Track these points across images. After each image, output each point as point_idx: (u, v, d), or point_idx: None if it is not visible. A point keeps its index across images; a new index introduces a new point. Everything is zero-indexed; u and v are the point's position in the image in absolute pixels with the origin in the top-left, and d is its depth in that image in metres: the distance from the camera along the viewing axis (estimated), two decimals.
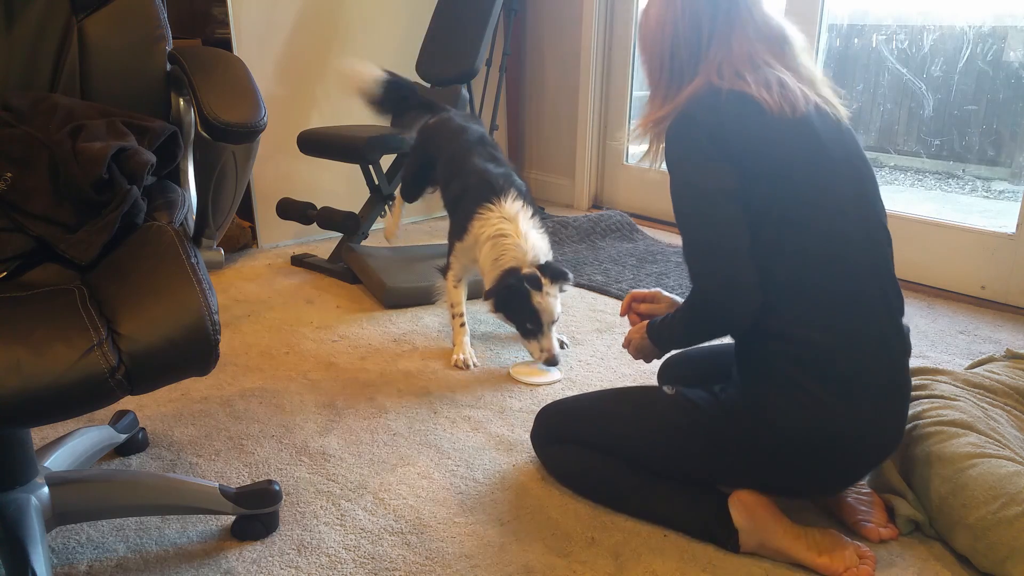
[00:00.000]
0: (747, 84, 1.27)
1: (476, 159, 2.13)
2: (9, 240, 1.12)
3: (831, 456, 1.26)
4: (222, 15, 2.89)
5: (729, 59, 1.29)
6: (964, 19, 2.72)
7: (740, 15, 1.31)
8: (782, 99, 1.26)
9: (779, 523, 1.30)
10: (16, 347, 0.92)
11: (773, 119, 1.25)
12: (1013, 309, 2.47)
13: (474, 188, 2.05)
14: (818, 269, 1.25)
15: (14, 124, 1.21)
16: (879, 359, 1.26)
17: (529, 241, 1.95)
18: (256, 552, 1.33)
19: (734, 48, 1.30)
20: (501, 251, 1.95)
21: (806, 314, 1.24)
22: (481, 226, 1.99)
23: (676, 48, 1.33)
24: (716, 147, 1.26)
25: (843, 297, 1.24)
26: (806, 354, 1.24)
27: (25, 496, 1.18)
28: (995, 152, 2.82)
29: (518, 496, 1.49)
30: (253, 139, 1.13)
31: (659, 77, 1.37)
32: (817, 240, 1.25)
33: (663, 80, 1.37)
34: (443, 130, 2.33)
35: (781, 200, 1.25)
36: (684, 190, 1.29)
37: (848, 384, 1.24)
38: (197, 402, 1.84)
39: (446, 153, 2.25)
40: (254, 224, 3.07)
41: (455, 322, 2.14)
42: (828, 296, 1.24)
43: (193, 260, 1.10)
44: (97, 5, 1.35)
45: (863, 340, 1.25)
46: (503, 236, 1.95)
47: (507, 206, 1.98)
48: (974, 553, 1.28)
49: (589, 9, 3.45)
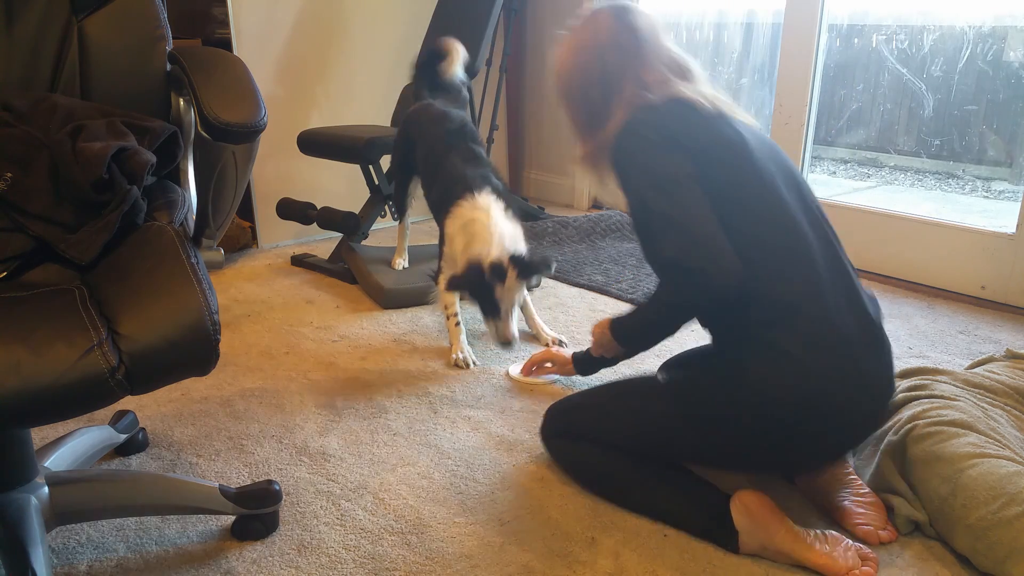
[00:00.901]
0: (679, 91, 1.39)
1: (455, 158, 2.14)
2: (9, 240, 1.12)
3: (814, 417, 1.26)
4: (222, 15, 2.89)
5: (645, 85, 1.41)
6: (964, 19, 2.72)
7: (644, 49, 1.44)
8: (711, 100, 1.40)
9: (781, 524, 1.30)
10: (16, 347, 0.92)
11: (708, 115, 1.38)
12: (1013, 309, 2.47)
13: (450, 190, 2.07)
14: (771, 234, 1.31)
15: (14, 124, 1.21)
16: (846, 311, 1.28)
17: (500, 229, 1.96)
18: (256, 552, 1.33)
19: (646, 78, 1.42)
20: (471, 237, 1.96)
21: (766, 272, 1.28)
22: (453, 221, 2.02)
23: (589, 90, 1.47)
24: (667, 143, 1.35)
25: (799, 254, 1.30)
26: (773, 310, 1.28)
27: (25, 496, 1.18)
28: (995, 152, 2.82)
29: (518, 496, 1.49)
30: (253, 139, 1.13)
31: (582, 118, 1.52)
32: (766, 213, 1.32)
33: (584, 120, 1.51)
34: (424, 116, 2.32)
35: (728, 182, 1.33)
36: (647, 183, 1.33)
37: (818, 334, 1.26)
38: (197, 402, 1.84)
39: (426, 141, 2.24)
40: (254, 224, 3.07)
41: (450, 322, 2.14)
42: (784, 253, 1.30)
43: (193, 260, 1.10)
44: (97, 5, 1.35)
45: (825, 288, 1.28)
46: (472, 222, 1.97)
47: (479, 199, 2.01)
48: (974, 553, 1.28)
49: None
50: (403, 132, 2.42)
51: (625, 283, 2.66)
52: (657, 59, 1.44)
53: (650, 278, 2.70)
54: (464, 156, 2.14)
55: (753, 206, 1.33)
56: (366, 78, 3.21)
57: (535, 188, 3.96)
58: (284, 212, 2.83)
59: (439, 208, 2.11)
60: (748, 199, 1.33)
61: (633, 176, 1.36)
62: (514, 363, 2.07)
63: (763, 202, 1.33)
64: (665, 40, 1.48)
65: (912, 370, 1.71)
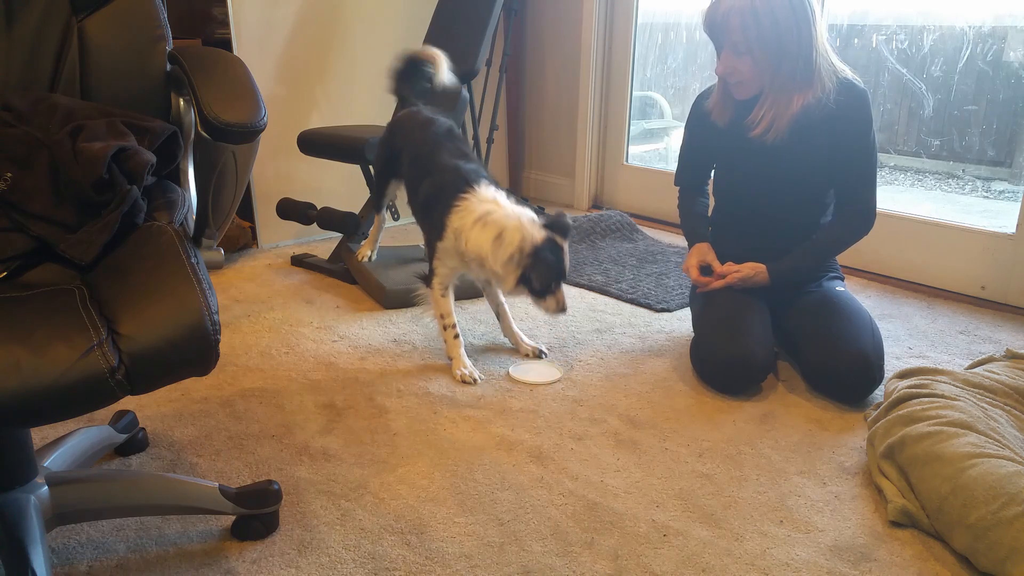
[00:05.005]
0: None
1: (445, 155, 2.06)
2: (9, 240, 1.12)
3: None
4: (222, 15, 2.89)
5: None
6: (964, 19, 2.72)
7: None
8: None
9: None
10: (16, 347, 0.92)
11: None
12: (1013, 309, 2.47)
13: (447, 184, 1.98)
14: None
15: (14, 124, 1.21)
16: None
17: (517, 210, 1.92)
18: (256, 552, 1.33)
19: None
20: (498, 228, 1.88)
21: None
22: (461, 216, 1.92)
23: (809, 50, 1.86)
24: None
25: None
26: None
27: (25, 496, 1.18)
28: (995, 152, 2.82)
29: (518, 496, 1.49)
30: (253, 139, 1.13)
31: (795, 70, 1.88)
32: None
33: (795, 73, 1.87)
34: (410, 122, 2.26)
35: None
36: (874, 140, 1.93)
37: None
38: (197, 402, 1.84)
39: (413, 145, 2.18)
40: (254, 224, 3.07)
41: (447, 334, 2.04)
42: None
43: (193, 260, 1.10)
44: (97, 5, 1.35)
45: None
46: (490, 213, 1.90)
47: (483, 191, 1.94)
48: (974, 553, 1.28)
49: (589, 9, 3.45)
50: (387, 138, 2.35)
51: (625, 283, 2.66)
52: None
53: (650, 278, 2.70)
54: (453, 153, 2.08)
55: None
56: (366, 78, 3.21)
57: (535, 188, 3.96)
58: (284, 212, 2.83)
59: (435, 204, 2.00)
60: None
61: (872, 131, 1.92)
62: (514, 363, 2.07)
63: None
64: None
65: (912, 370, 1.71)
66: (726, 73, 1.91)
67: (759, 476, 1.56)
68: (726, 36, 1.86)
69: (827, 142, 1.93)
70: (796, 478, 1.56)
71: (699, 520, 1.42)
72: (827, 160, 1.95)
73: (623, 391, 1.92)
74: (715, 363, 1.90)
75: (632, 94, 3.55)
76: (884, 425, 1.54)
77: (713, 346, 1.91)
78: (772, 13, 1.79)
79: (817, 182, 1.99)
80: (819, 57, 1.85)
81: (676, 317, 2.41)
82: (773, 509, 1.46)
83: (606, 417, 1.79)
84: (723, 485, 1.53)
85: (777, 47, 1.82)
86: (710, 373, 1.93)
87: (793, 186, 2.00)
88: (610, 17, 3.50)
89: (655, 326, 2.33)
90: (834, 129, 1.91)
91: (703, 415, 1.80)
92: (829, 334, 1.87)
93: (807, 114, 1.89)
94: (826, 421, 1.78)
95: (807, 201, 2.02)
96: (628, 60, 3.49)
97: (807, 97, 1.87)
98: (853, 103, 1.89)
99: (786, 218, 2.04)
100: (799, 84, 1.86)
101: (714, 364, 1.91)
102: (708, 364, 1.93)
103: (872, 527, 1.41)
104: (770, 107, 1.90)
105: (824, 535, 1.38)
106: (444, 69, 2.40)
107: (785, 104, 1.88)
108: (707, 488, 1.52)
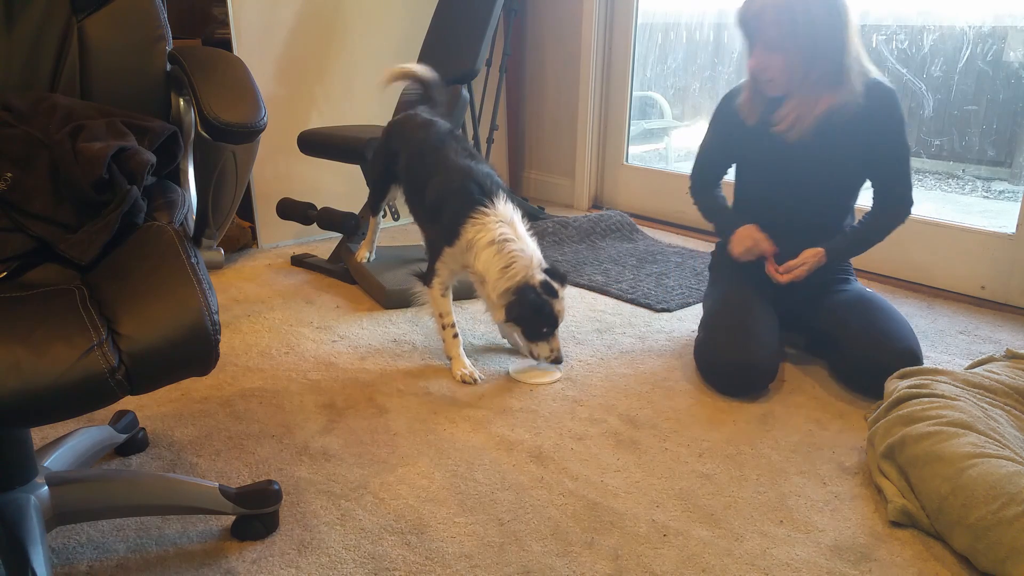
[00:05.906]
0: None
1: (452, 155, 2.05)
2: (9, 240, 1.12)
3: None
4: (222, 15, 2.89)
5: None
6: (964, 19, 2.72)
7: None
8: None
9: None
10: (16, 347, 0.92)
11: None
12: (1013, 309, 2.47)
13: (461, 190, 1.96)
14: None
15: (14, 124, 1.21)
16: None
17: (530, 245, 1.93)
18: (256, 552, 1.33)
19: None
20: (509, 259, 1.89)
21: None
22: (478, 231, 1.92)
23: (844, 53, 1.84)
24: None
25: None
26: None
27: (25, 496, 1.18)
28: (995, 152, 2.82)
29: (518, 496, 1.49)
30: (253, 139, 1.13)
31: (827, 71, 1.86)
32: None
33: (827, 74, 1.85)
34: (409, 123, 2.26)
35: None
36: (907, 136, 1.93)
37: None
38: (197, 402, 1.84)
39: (413, 146, 2.16)
40: (254, 224, 3.07)
41: (447, 333, 2.04)
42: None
43: (193, 260, 1.10)
44: (97, 5, 1.35)
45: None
46: (507, 241, 1.90)
47: (501, 209, 1.93)
48: (974, 553, 1.28)
49: (589, 9, 3.45)
50: (384, 142, 2.35)
51: (625, 283, 2.66)
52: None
53: (650, 278, 2.70)
54: (460, 153, 2.06)
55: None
56: (366, 78, 3.21)
57: (535, 188, 3.96)
58: (284, 212, 2.83)
59: (446, 208, 1.98)
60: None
61: (904, 129, 1.92)
62: (514, 363, 2.07)
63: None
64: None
65: (912, 370, 1.71)
66: (757, 69, 1.88)
67: (759, 476, 1.56)
68: (760, 31, 1.83)
69: (856, 143, 1.91)
70: (796, 478, 1.56)
71: (699, 520, 1.42)
72: (855, 162, 1.94)
73: (623, 391, 1.92)
74: (720, 366, 1.90)
75: (632, 94, 3.55)
76: (884, 425, 1.54)
77: (719, 349, 1.90)
78: (808, 11, 1.77)
79: (841, 184, 1.99)
80: (851, 60, 1.83)
81: (676, 317, 2.41)
82: (773, 509, 1.46)
83: (606, 417, 1.79)
84: (723, 485, 1.53)
85: (811, 46, 1.80)
86: (714, 376, 1.92)
87: (816, 188, 1.99)
88: (610, 17, 3.50)
89: (655, 326, 2.34)
90: (866, 130, 1.89)
91: (703, 415, 1.81)
92: (876, 330, 1.88)
93: (834, 116, 1.87)
94: (826, 421, 1.78)
95: (829, 203, 2.02)
96: (628, 60, 3.49)
97: (835, 99, 1.85)
98: (884, 104, 1.88)
99: (807, 220, 2.02)
100: (829, 86, 1.85)
101: (719, 367, 1.90)
102: (713, 367, 1.92)
103: (872, 527, 1.41)
104: (796, 105, 1.88)
105: (824, 535, 1.38)
106: (425, 71, 2.43)
107: (812, 104, 1.87)
108: (707, 488, 1.52)
